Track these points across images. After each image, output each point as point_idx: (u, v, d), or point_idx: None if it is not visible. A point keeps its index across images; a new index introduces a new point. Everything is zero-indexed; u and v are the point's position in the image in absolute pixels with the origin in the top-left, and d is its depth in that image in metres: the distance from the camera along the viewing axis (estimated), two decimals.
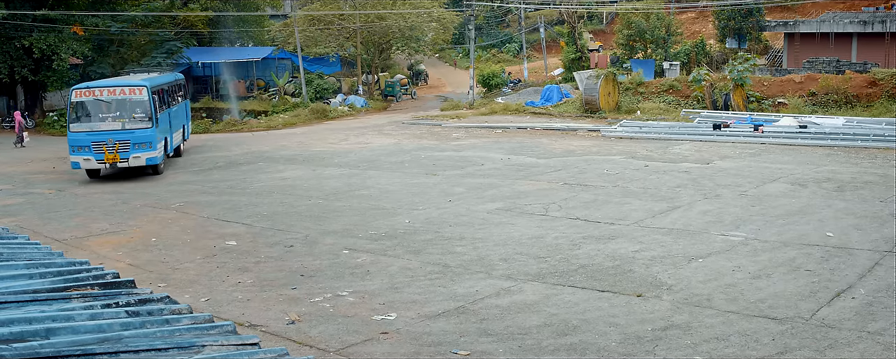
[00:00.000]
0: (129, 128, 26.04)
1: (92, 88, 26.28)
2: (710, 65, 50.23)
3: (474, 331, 11.42)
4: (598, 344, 10.77)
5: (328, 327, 11.76)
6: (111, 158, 25.80)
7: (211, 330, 5.34)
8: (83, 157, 25.78)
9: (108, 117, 26.18)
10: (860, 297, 12.32)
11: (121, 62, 46.14)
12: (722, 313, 11.82)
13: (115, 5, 46.15)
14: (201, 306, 12.63)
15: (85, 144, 25.75)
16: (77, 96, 25.90)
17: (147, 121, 26.29)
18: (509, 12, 70.21)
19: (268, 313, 12.44)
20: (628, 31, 53.13)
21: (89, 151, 25.74)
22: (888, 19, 47.82)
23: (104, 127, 25.95)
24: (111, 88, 26.27)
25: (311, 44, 53.18)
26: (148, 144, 26.28)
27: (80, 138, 25.79)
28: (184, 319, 5.49)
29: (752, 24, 55.40)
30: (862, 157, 25.86)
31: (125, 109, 26.26)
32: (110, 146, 25.73)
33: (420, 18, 53.93)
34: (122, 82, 27.12)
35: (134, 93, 26.22)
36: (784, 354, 10.31)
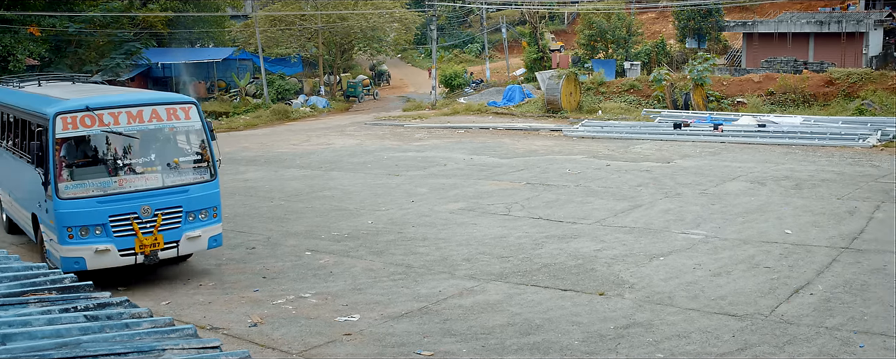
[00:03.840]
0: (177, 184, 14.06)
1: (95, 110, 13.49)
2: (671, 65, 50.63)
3: (438, 331, 11.43)
4: (561, 343, 10.82)
5: (291, 329, 11.70)
6: (149, 242, 13.62)
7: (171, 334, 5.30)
8: (93, 246, 13.33)
9: (135, 164, 13.90)
10: (818, 293, 12.49)
11: (79, 63, 45.55)
12: (683, 310, 11.93)
13: (72, 5, 45.54)
14: (162, 310, 12.52)
15: (97, 220, 13.35)
16: (66, 127, 13.33)
17: (205, 167, 14.41)
18: (471, 13, 70.28)
19: (230, 315, 12.36)
20: (589, 32, 53.39)
21: (106, 234, 13.43)
22: (844, 20, 48.52)
23: (132, 184, 13.73)
24: (130, 109, 13.78)
25: (273, 44, 52.84)
26: (211, 211, 14.46)
27: (84, 211, 13.29)
28: (144, 323, 5.44)
29: (712, 25, 55.91)
30: (819, 155, 26.22)
31: (163, 147, 14.25)
32: (147, 220, 13.63)
33: (382, 19, 53.83)
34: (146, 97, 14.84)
35: (175, 116, 14.17)
36: (744, 350, 10.43)
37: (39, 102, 14.78)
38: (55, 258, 13.66)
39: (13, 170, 16.17)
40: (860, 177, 21.97)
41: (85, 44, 47.07)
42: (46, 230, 13.98)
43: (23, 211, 15.71)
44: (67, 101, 13.95)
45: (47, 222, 13.76)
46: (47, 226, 13.82)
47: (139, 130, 13.81)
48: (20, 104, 15.74)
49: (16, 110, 15.92)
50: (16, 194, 16.37)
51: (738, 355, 10.29)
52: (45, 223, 13.98)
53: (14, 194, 16.56)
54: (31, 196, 14.64)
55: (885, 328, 10.97)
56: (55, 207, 13.24)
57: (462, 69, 55.87)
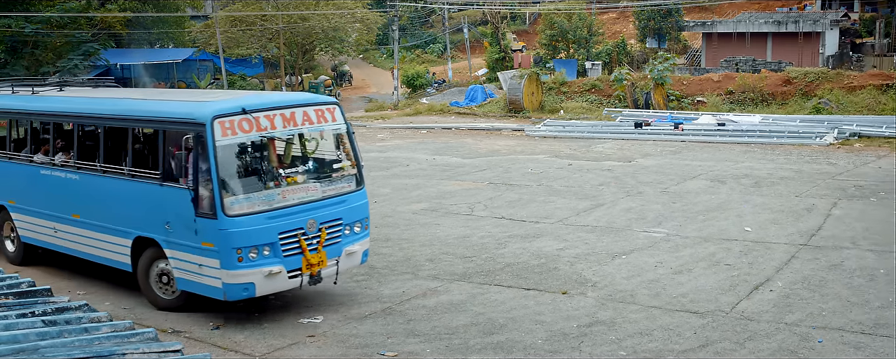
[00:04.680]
0: (335, 193, 12.52)
1: (252, 113, 11.68)
2: (631, 64, 51.00)
3: (401, 332, 11.41)
4: (525, 342, 10.86)
5: (254, 332, 11.63)
6: (316, 261, 11.98)
7: (132, 338, 5.24)
8: (264, 269, 11.49)
9: (296, 173, 12.38)
10: (778, 289, 12.65)
11: (36, 64, 44.90)
12: (645, 308, 12.02)
13: (28, 6, 44.88)
14: (122, 314, 12.37)
15: (266, 238, 11.54)
16: (225, 134, 11.40)
17: (355, 173, 12.97)
18: (433, 13, 70.31)
19: (191, 318, 12.24)
20: (551, 32, 53.63)
21: (275, 255, 11.63)
22: (801, 20, 49.18)
23: (295, 195, 12.02)
24: (284, 110, 12.09)
25: (234, 45, 52.46)
26: (364, 223, 13.04)
27: (254, 229, 11.45)
28: (103, 327, 5.38)
29: (672, 25, 56.45)
30: (777, 153, 26.54)
31: (318, 153, 13.23)
32: (312, 236, 11.95)
33: (343, 19, 53.64)
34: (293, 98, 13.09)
35: (324, 117, 12.61)
36: (705, 346, 10.53)
37: (161, 106, 12.77)
38: (204, 286, 11.72)
39: (80, 189, 13.46)
40: (817, 175, 22.28)
41: (42, 45, 46.40)
42: (187, 256, 11.74)
43: (101, 238, 13.05)
44: (215, 103, 11.89)
45: (194, 246, 11.56)
46: (192, 250, 11.61)
47: (295, 134, 12.55)
48: (110, 111, 13.31)
49: (96, 118, 13.55)
50: (88, 218, 13.28)
51: (700, 351, 10.39)
52: (183, 248, 11.74)
53: (83, 218, 13.39)
54: (134, 217, 12.45)
55: (842, 324, 11.13)
56: (221, 226, 11.20)
57: (424, 69, 55.89)
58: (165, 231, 11.97)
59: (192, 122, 11.53)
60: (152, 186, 12.16)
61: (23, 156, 15.06)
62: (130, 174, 12.58)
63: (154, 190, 12.12)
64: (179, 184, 11.71)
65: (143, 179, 12.38)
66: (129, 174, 12.60)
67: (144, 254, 12.52)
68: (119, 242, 12.77)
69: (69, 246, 13.96)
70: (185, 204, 11.47)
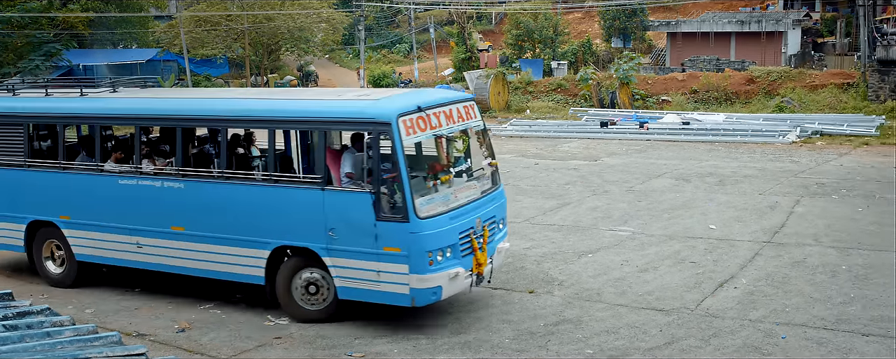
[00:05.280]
0: (489, 191, 12.46)
1: (426, 110, 11.40)
2: (597, 64, 51.24)
3: (369, 333, 11.40)
4: (492, 341, 10.88)
5: (220, 334, 11.55)
6: (484, 260, 11.72)
7: (95, 342, 5.19)
8: (449, 271, 11.12)
9: (461, 171, 12.49)
10: (742, 286, 12.78)
11: None
12: (611, 306, 12.09)
13: None
14: (85, 318, 12.24)
15: (450, 240, 11.20)
16: (408, 133, 11.00)
17: (496, 170, 12.88)
18: (399, 13, 70.22)
19: (156, 321, 12.15)
20: (517, 32, 53.76)
21: (455, 256, 11.27)
22: (763, 19, 49.69)
23: (463, 195, 11.87)
24: (444, 108, 11.79)
25: (198, 45, 52.05)
26: (505, 221, 13.06)
27: (442, 231, 11.09)
28: (66, 331, 5.32)
29: (637, 24, 56.79)
30: (741, 151, 26.81)
31: (470, 150, 12.91)
32: (477, 235, 11.69)
33: (309, 19, 53.43)
34: (446, 95, 12.44)
35: (469, 114, 12.31)
36: (671, 344, 10.62)
37: (319, 105, 12.09)
38: (381, 293, 11.21)
39: (188, 199, 12.38)
40: (781, 172, 22.53)
41: (1, 45, 45.80)
42: (358, 263, 11.18)
43: (221, 251, 12.18)
44: (389, 100, 11.48)
45: (372, 252, 11.01)
46: (368, 257, 11.06)
47: (459, 131, 12.17)
48: (245, 112, 12.34)
49: (221, 121, 12.42)
50: (199, 230, 12.29)
51: (666, 348, 10.47)
52: (353, 255, 11.16)
53: (191, 230, 12.35)
54: (276, 226, 11.72)
55: (805, 320, 11.27)
56: (412, 229, 10.75)
57: (390, 69, 55.85)
58: (326, 239, 11.27)
59: (373, 121, 10.92)
60: (309, 191, 11.41)
61: (82, 165, 13.55)
62: (273, 180, 11.73)
63: (310, 195, 11.35)
64: (352, 187, 11.21)
65: (294, 184, 11.72)
66: (270, 180, 11.74)
67: (284, 264, 11.85)
68: (250, 255, 11.92)
69: (162, 262, 12.84)
70: (361, 208, 10.91)
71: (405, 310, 11.70)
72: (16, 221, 14.03)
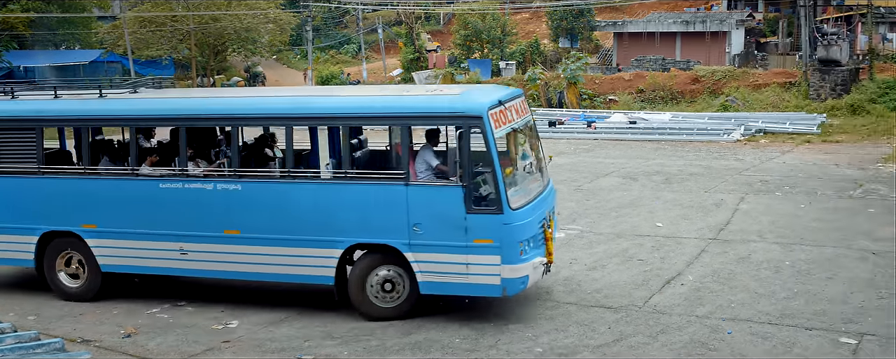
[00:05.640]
0: (547, 183, 12.83)
1: (505, 104, 11.72)
2: (545, 64, 51.54)
3: (318, 335, 11.33)
4: (443, 341, 10.88)
5: (167, 338, 11.40)
6: (552, 250, 12.02)
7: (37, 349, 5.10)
8: (534, 260, 11.43)
9: (530, 164, 12.68)
10: (689, 283, 12.93)
11: None
12: (561, 304, 12.16)
13: None
14: (28, 324, 11.97)
15: (534, 230, 11.54)
16: (496, 126, 11.17)
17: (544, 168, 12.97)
18: (347, 13, 69.91)
19: (102, 327, 11.94)
20: (465, 32, 53.87)
21: (535, 246, 11.54)
22: (708, 19, 50.38)
23: (534, 186, 12.30)
24: (511, 102, 11.95)
25: (143, 46, 51.32)
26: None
27: (528, 222, 11.37)
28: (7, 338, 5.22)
29: (584, 25, 57.19)
30: (687, 150, 27.15)
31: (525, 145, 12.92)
32: (549, 227, 12.05)
33: (256, 20, 52.98)
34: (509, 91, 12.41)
35: (524, 110, 12.53)
36: (620, 341, 10.71)
37: (400, 101, 12.01)
38: (470, 286, 11.32)
39: (246, 201, 11.95)
40: (725, 170, 22.86)
41: None
42: (444, 257, 11.23)
43: (283, 253, 11.86)
44: (472, 94, 11.54)
45: (460, 245, 11.10)
46: (455, 250, 11.14)
47: (523, 125, 12.28)
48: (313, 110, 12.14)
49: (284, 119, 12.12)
50: (259, 232, 11.89)
51: (614, 345, 10.56)
52: (438, 249, 11.21)
53: (248, 233, 11.95)
54: (350, 225, 11.53)
55: (750, 315, 11.44)
56: (506, 220, 10.95)
57: (339, 70, 55.57)
58: (409, 234, 11.26)
59: (464, 115, 10.97)
60: (390, 187, 11.38)
61: (113, 170, 12.88)
62: (350, 177, 11.57)
63: (392, 191, 11.33)
64: (440, 181, 11.32)
65: (373, 180, 11.59)
66: (346, 178, 11.59)
67: (358, 263, 11.78)
68: (319, 255, 11.71)
69: (210, 268, 12.45)
70: (451, 202, 10.99)
71: (351, 311, 11.68)
72: (25, 232, 12.92)
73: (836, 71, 35.31)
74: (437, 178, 11.47)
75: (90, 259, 12.84)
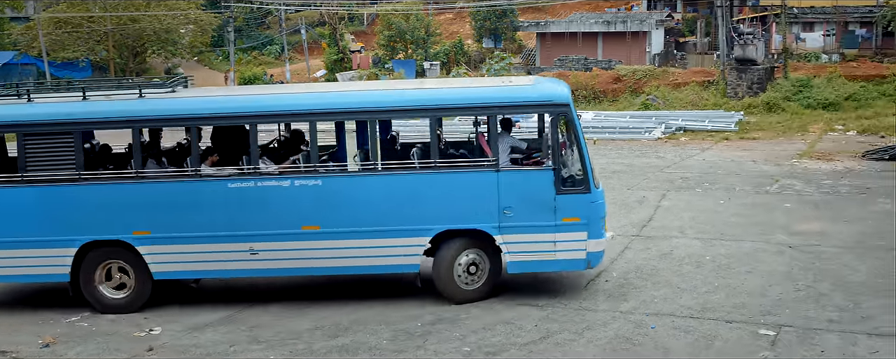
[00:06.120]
0: None
1: None
2: (469, 64, 51.79)
3: (244, 339, 11.18)
4: (370, 343, 10.83)
5: (88, 347, 11.12)
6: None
7: None
8: (607, 235, 12.65)
9: None
10: (613, 279, 13.11)
11: None
12: (487, 303, 12.20)
13: None
14: None
15: (606, 208, 12.58)
16: None
17: None
18: (269, 14, 69.16)
19: (18, 336, 11.60)
20: (389, 33, 53.85)
21: (602, 224, 12.31)
22: (629, 20, 51.24)
23: None
24: None
25: (59, 48, 50.07)
26: None
27: (604, 201, 12.45)
28: None
29: (507, 25, 57.67)
30: (610, 148, 27.52)
31: None
32: None
33: (176, 20, 52.13)
34: None
35: None
36: (546, 338, 10.79)
37: (488, 92, 12.42)
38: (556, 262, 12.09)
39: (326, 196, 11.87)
40: (647, 168, 23.24)
41: None
42: (533, 237, 11.86)
43: (366, 245, 11.95)
44: (552, 83, 12.65)
45: (549, 224, 11.78)
46: (545, 230, 11.81)
47: None
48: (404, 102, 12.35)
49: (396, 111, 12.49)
50: (341, 226, 11.86)
51: (541, 343, 10.64)
52: (528, 229, 11.83)
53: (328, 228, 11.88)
54: (438, 212, 11.87)
55: (673, 309, 11.64)
56: (593, 198, 11.88)
57: (261, 72, 55.01)
58: (499, 218, 11.79)
59: (554, 103, 11.82)
60: (482, 174, 11.82)
61: (172, 172, 12.43)
62: (440, 166, 11.90)
63: (484, 178, 11.79)
64: (530, 166, 12.01)
65: (464, 168, 12.05)
66: (436, 167, 11.87)
67: (445, 248, 12.00)
68: (406, 244, 11.95)
69: (284, 266, 12.26)
70: (542, 185, 11.70)
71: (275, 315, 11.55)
72: (60, 245, 12.03)
73: (752, 70, 36.19)
74: (512, 163, 12.20)
75: (140, 268, 12.19)
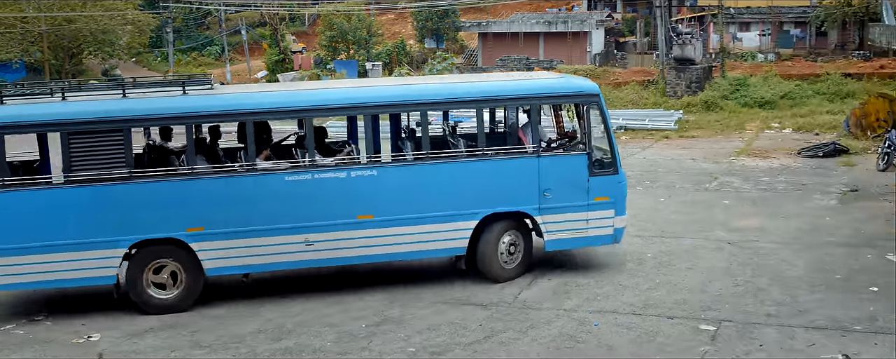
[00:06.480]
0: None
1: None
2: (411, 64, 51.77)
3: (186, 344, 11.02)
4: (314, 345, 10.76)
5: (24, 356, 10.87)
6: None
7: None
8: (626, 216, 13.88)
9: None
10: (556, 278, 13.19)
11: None
12: (432, 304, 12.21)
13: None
14: None
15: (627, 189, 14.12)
16: None
17: None
18: (209, 14, 68.36)
19: None
20: (331, 33, 53.59)
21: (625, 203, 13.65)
22: (569, 20, 51.65)
23: None
24: None
25: None
26: None
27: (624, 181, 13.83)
28: None
29: (449, 25, 57.77)
30: None
31: None
32: None
33: (113, 21, 51.27)
34: None
35: None
36: (491, 337, 10.82)
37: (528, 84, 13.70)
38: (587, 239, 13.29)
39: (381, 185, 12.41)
40: None
41: None
42: (568, 217, 13.01)
43: (417, 231, 12.55)
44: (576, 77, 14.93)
45: (583, 204, 13.01)
46: (579, 209, 13.02)
47: None
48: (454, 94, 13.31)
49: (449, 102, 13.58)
50: (395, 214, 12.43)
51: (485, 342, 10.66)
52: (565, 210, 12.96)
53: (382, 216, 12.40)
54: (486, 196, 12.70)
55: (615, 306, 11.76)
56: (620, 179, 13.26)
57: (201, 73, 54.36)
58: (539, 200, 12.86)
59: (586, 94, 13.11)
60: (525, 159, 12.80)
61: (228, 168, 12.32)
62: (488, 154, 12.78)
63: (527, 163, 12.80)
64: (568, 151, 13.20)
65: (510, 155, 12.85)
66: (484, 154, 12.76)
67: (488, 231, 12.83)
68: (455, 228, 12.70)
69: (337, 255, 12.55)
70: (578, 168, 12.90)
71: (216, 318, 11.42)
72: (107, 246, 11.83)
73: (690, 69, 36.72)
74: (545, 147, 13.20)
75: (191, 265, 12.16)
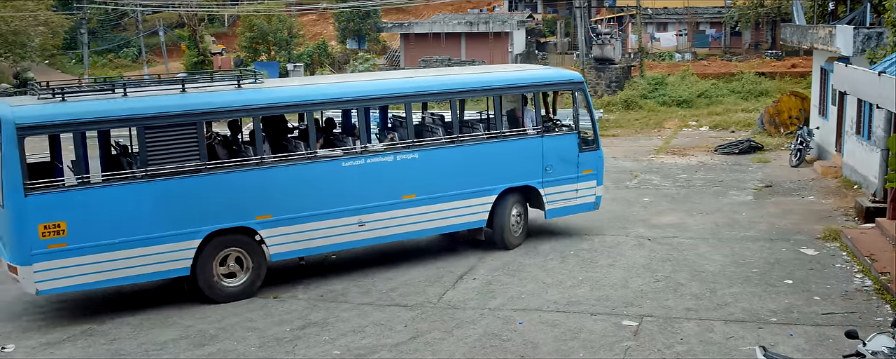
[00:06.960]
0: None
1: None
2: (333, 65, 51.43)
3: (105, 353, 10.78)
4: (238, 351, 10.62)
5: None
6: None
7: None
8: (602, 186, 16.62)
9: None
10: (480, 277, 13.26)
11: None
12: (357, 306, 12.17)
13: None
14: None
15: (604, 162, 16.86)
16: None
17: None
18: (125, 15, 66.86)
19: None
20: (251, 34, 52.89)
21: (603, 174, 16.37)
22: (491, 20, 51.91)
23: None
24: None
25: None
26: None
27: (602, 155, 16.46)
28: None
29: (371, 26, 57.53)
30: None
31: None
32: None
33: (24, 22, 49.78)
34: None
35: None
36: (416, 338, 10.83)
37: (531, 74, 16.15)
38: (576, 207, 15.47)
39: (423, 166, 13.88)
40: None
41: None
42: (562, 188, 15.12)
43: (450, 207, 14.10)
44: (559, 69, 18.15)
45: (574, 176, 15.22)
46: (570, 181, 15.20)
47: None
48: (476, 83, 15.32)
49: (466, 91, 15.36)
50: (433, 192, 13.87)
51: (411, 343, 10.66)
52: (561, 182, 15.08)
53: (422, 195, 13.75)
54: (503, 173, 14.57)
55: (540, 304, 11.87)
56: (599, 154, 15.66)
57: (118, 75, 53.18)
58: (543, 174, 14.90)
59: (574, 82, 15.64)
60: (532, 140, 14.86)
61: (293, 156, 12.89)
62: (506, 135, 14.67)
63: (534, 143, 14.85)
64: (564, 131, 15.35)
65: (521, 136, 14.86)
66: (503, 136, 14.63)
67: (503, 203, 14.63)
68: (478, 203, 14.34)
69: (385, 234, 13.66)
70: (571, 145, 15.17)
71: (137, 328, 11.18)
72: (185, 238, 12.06)
73: (610, 69, 37.27)
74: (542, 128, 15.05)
75: (256, 252, 12.71)
